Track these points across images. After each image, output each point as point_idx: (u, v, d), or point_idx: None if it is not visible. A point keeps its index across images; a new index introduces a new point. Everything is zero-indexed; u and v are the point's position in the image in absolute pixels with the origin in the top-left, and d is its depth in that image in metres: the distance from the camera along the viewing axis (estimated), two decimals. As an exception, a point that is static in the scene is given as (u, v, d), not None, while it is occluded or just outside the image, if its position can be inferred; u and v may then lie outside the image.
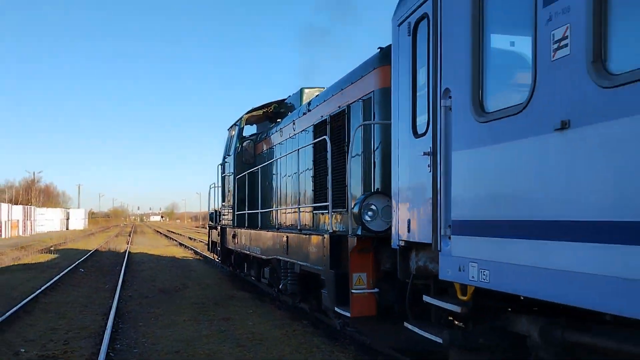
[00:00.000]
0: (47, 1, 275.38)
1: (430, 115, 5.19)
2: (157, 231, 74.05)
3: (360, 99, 7.82)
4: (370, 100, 7.50)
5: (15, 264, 22.11)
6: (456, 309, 4.76)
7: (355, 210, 6.74)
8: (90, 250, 28.95)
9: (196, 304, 11.55)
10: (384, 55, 7.12)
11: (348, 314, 6.87)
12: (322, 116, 9.39)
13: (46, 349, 8.00)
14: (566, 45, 3.44)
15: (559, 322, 3.93)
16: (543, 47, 3.67)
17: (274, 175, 12.62)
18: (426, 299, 5.36)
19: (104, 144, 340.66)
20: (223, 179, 16.85)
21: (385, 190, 6.74)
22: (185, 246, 33.42)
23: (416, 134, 5.47)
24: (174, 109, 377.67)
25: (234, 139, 15.39)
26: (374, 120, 7.37)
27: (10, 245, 33.67)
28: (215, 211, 18.14)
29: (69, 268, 19.04)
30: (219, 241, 16.71)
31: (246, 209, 13.78)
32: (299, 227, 9.37)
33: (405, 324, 5.77)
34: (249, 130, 15.72)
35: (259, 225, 12.16)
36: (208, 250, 21.01)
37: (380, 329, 6.98)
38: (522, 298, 4.16)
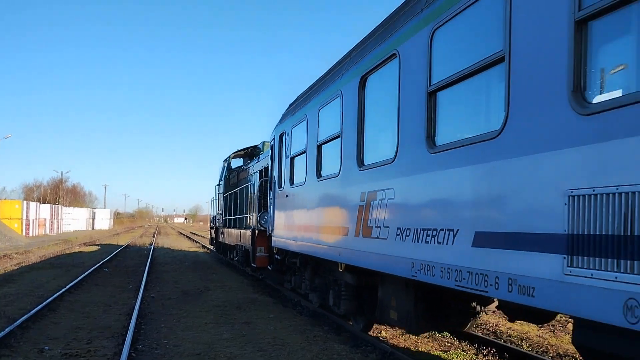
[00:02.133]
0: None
1: (275, 183, 12.49)
2: (181, 233, 74.70)
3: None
4: (268, 168, 14.48)
5: (42, 261, 22.51)
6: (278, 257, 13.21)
7: (257, 218, 15.47)
8: (116, 250, 29.29)
9: (218, 307, 11.57)
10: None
11: (255, 265, 15.25)
12: (261, 167, 16.35)
13: (70, 347, 8.08)
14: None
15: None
16: None
17: (244, 195, 19.16)
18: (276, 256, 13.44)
19: (131, 145, 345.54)
20: (218, 195, 24.85)
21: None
22: (208, 249, 33.60)
23: (281, 187, 11.90)
24: (199, 113, 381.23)
25: (225, 169, 22.93)
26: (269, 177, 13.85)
27: (43, 243, 34.21)
28: (214, 217, 26.84)
29: (93, 267, 19.31)
30: (214, 237, 26.11)
31: (230, 216, 21.43)
32: (244, 226, 18.02)
33: (269, 267, 14.64)
34: (237, 162, 22.58)
35: (234, 226, 20.19)
36: (210, 244, 30.10)
37: (269, 273, 15.55)
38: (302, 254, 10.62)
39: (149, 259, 23.71)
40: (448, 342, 8.69)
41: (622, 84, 3.59)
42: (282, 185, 11.66)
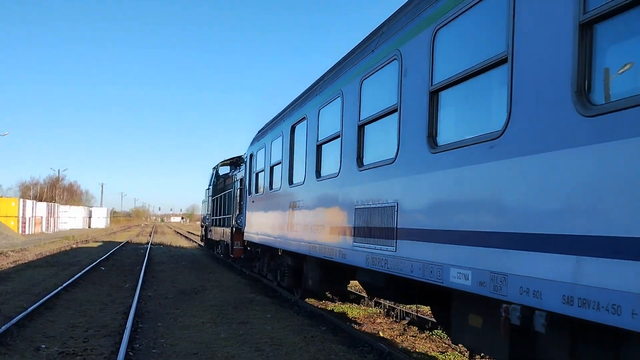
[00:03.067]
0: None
1: (246, 191, 15.87)
2: (177, 232, 74.60)
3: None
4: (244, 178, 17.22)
5: (38, 259, 22.44)
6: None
7: (235, 218, 18.66)
8: (112, 250, 29.21)
9: (215, 307, 11.55)
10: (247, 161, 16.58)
11: (232, 256, 19.00)
12: (241, 176, 18.63)
13: (66, 346, 8.06)
14: None
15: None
16: None
17: (228, 199, 21.76)
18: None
19: (128, 144, 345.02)
20: (207, 198, 28.41)
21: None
22: (204, 248, 33.56)
23: (251, 194, 14.87)
24: (196, 112, 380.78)
25: (213, 176, 26.51)
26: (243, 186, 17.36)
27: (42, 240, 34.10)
28: (204, 217, 30.91)
29: (90, 265, 19.26)
30: (204, 234, 30.56)
31: (216, 216, 24.74)
32: (226, 225, 21.09)
33: (242, 256, 18.98)
34: (225, 169, 25.49)
35: (219, 225, 23.66)
36: (200, 240, 35.92)
37: (245, 264, 19.44)
38: (261, 244, 14.23)
39: (146, 258, 23.68)
40: (445, 344, 8.69)
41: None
42: (251, 193, 15.14)
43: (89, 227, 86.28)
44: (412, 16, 6.04)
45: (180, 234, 64.26)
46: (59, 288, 13.19)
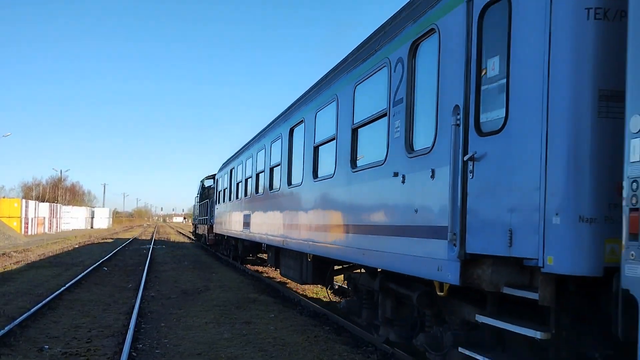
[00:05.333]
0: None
1: (215, 201, 25.63)
2: (180, 232, 74.63)
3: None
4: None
5: (41, 259, 22.46)
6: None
7: (210, 218, 28.13)
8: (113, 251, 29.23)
9: (218, 307, 11.53)
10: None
11: (208, 243, 30.14)
12: (220, 187, 23.67)
13: (69, 346, 8.05)
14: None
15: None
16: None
17: (208, 205, 29.64)
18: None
19: (130, 144, 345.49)
20: (196, 203, 39.10)
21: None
22: (207, 250, 33.56)
23: (217, 203, 24.18)
24: (198, 112, 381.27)
25: (200, 187, 36.09)
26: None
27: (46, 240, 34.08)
28: (194, 217, 42.61)
29: (93, 266, 19.26)
30: (194, 230, 43.83)
31: (201, 217, 33.96)
32: (206, 223, 30.35)
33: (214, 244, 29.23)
34: (208, 182, 33.12)
35: (202, 223, 33.01)
36: (192, 234, 50.06)
37: (218, 249, 28.52)
38: (222, 235, 24.26)
39: (148, 258, 23.68)
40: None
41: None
42: (218, 203, 23.98)
43: (92, 227, 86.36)
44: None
45: (183, 234, 64.27)
46: (62, 289, 13.18)
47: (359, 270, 8.45)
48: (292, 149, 11.03)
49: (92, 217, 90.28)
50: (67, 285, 13.75)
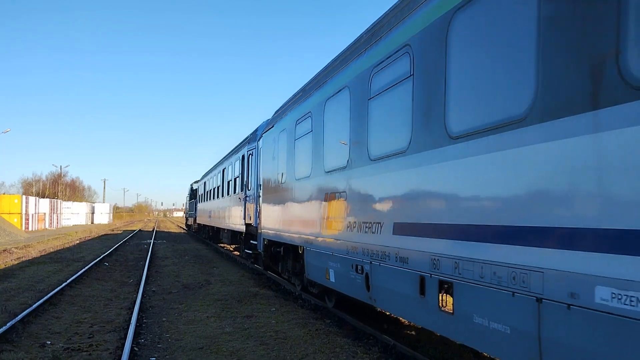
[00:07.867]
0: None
1: (197, 201, 42.31)
2: (180, 227, 74.72)
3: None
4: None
5: (42, 255, 22.49)
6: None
7: (195, 213, 43.70)
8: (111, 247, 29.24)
9: (219, 301, 11.57)
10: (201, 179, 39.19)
11: (193, 230, 48.20)
12: (199, 192, 38.76)
13: (71, 341, 8.07)
14: None
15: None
16: None
17: (195, 203, 43.04)
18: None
19: (130, 139, 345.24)
20: (187, 202, 53.31)
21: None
22: (208, 244, 33.64)
23: (200, 202, 38.60)
24: (199, 105, 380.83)
25: (190, 189, 48.53)
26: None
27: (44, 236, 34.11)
28: (186, 211, 58.17)
29: (94, 261, 19.29)
30: (185, 221, 61.73)
31: (190, 212, 49.79)
32: (192, 216, 47.74)
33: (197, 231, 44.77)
34: (195, 185, 42.92)
35: (190, 216, 50.72)
36: (184, 224, 65.87)
37: (197, 232, 44.76)
38: (204, 225, 37.77)
39: (149, 253, 23.71)
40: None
41: None
42: (200, 201, 36.26)
43: (92, 222, 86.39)
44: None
45: (183, 229, 64.38)
46: (63, 284, 13.20)
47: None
48: (224, 178, 23.37)
49: (93, 213, 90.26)
50: (68, 281, 13.77)
